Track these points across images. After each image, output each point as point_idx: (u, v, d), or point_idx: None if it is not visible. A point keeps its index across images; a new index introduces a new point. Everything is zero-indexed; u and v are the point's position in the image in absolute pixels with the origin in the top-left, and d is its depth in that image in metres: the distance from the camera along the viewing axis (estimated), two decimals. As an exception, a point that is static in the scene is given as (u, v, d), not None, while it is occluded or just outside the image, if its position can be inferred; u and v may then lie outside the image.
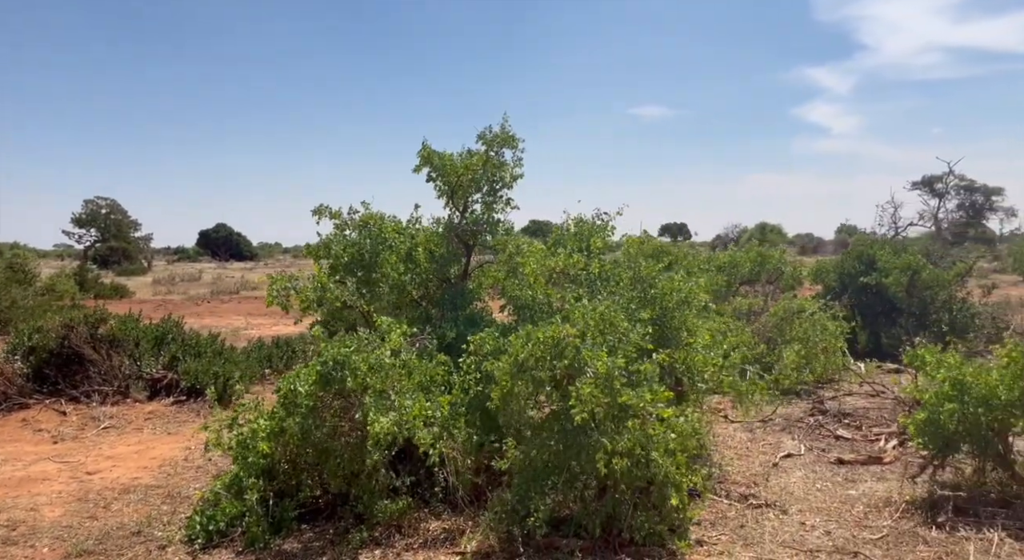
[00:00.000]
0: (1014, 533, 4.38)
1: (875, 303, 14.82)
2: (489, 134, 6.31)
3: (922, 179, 51.37)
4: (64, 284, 24.15)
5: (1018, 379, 4.68)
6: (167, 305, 22.73)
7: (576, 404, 4.03)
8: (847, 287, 15.42)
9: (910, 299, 14.51)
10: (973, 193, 50.94)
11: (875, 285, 14.58)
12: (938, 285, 14.33)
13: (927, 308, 14.42)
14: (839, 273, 16.09)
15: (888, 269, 14.46)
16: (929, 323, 14.05)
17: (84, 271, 29.33)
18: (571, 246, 5.64)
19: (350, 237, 6.52)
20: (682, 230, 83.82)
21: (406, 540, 4.50)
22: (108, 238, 48.72)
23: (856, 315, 14.61)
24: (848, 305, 14.84)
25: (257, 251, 62.11)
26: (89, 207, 48.99)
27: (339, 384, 4.64)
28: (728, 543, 4.42)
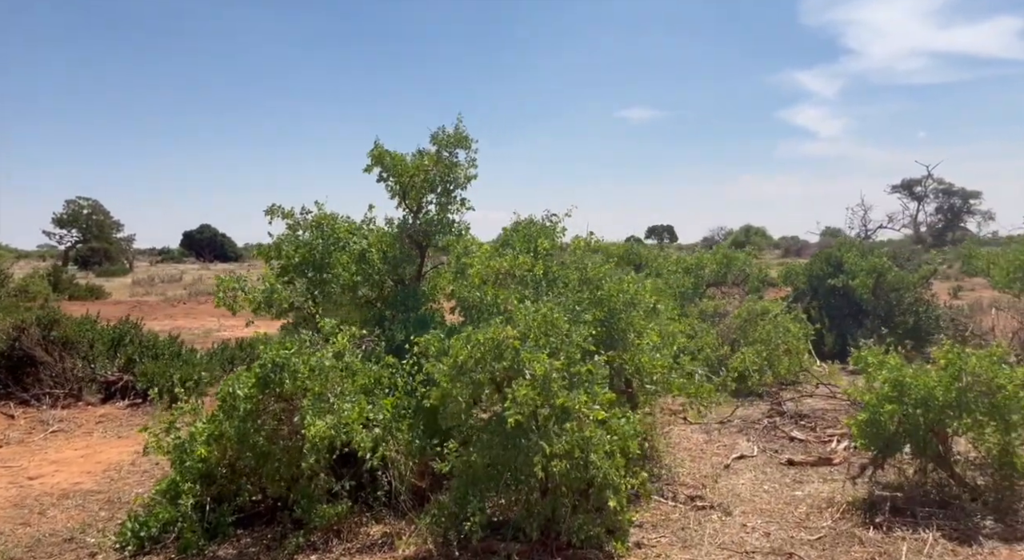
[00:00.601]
0: (948, 533, 4.43)
1: (842, 305, 14.98)
2: (442, 134, 6.27)
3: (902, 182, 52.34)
4: (37, 285, 23.63)
5: (955, 381, 4.74)
6: (142, 306, 22.34)
7: (511, 406, 4.00)
8: (816, 289, 15.58)
9: (876, 301, 14.68)
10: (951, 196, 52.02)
11: (842, 287, 14.73)
12: (904, 287, 14.52)
13: (893, 310, 14.61)
14: (808, 275, 16.25)
15: (855, 271, 14.63)
16: (895, 325, 14.23)
17: (58, 272, 28.74)
18: (519, 247, 5.61)
19: (302, 238, 6.44)
20: (668, 232, 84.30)
21: (344, 545, 4.44)
22: (89, 239, 48.04)
23: (823, 317, 14.81)
24: (816, 307, 15.04)
25: (242, 252, 61.47)
26: (70, 207, 48.35)
27: (278, 387, 4.57)
28: (667, 545, 4.41)
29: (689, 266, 12.98)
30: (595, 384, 4.55)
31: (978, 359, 4.74)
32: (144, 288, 30.76)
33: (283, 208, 6.58)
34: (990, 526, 4.51)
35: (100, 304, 22.19)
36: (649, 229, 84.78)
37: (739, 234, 60.84)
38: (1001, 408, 4.60)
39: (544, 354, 4.28)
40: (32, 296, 20.45)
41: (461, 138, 6.30)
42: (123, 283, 33.78)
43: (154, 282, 33.51)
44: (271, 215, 6.62)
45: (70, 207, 48.37)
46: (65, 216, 47.99)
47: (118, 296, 26.84)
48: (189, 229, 64.93)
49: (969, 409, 4.61)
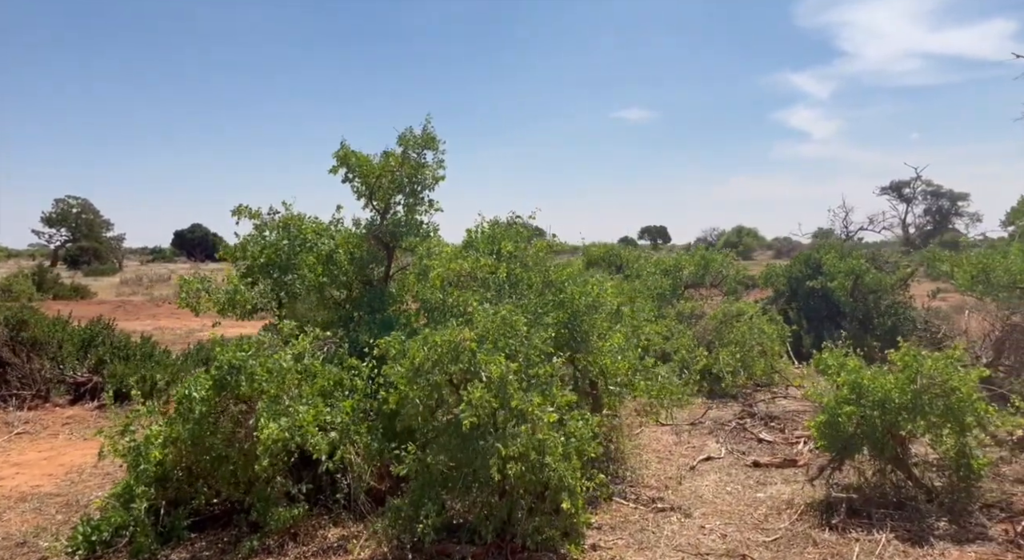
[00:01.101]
0: (902, 535, 4.46)
1: (821, 307, 15.08)
2: (410, 135, 6.25)
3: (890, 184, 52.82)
4: (21, 284, 23.36)
5: (911, 383, 4.78)
6: (126, 306, 22.11)
7: (466, 408, 3.98)
8: (795, 291, 15.68)
9: (854, 303, 14.78)
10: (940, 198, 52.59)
11: (821, 289, 14.83)
12: (882, 289, 14.63)
13: (870, 312, 14.72)
14: (788, 277, 16.34)
15: (833, 273, 14.72)
16: (872, 327, 14.34)
17: (43, 271, 28.42)
18: (483, 249, 5.60)
19: (269, 238, 6.39)
20: (661, 233, 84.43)
21: (300, 548, 4.40)
22: (79, 238, 47.68)
23: (802, 318, 14.91)
24: (795, 309, 15.14)
25: (233, 251, 61.14)
26: (60, 206, 48.05)
27: (234, 389, 4.52)
28: (623, 547, 4.42)
29: (667, 268, 13.01)
30: (553, 386, 4.55)
31: (933, 362, 4.78)
32: (131, 288, 30.45)
33: (250, 208, 6.53)
34: (943, 527, 4.55)
35: (84, 304, 21.96)
36: (642, 230, 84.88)
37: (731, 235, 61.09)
38: (955, 410, 4.64)
39: (501, 356, 4.27)
40: (15, 296, 20.23)
41: (429, 139, 6.28)
42: (111, 282, 33.46)
43: (142, 282, 33.18)
44: (238, 215, 6.57)
45: (59, 206, 48.10)
46: (54, 215, 47.70)
47: (104, 296, 26.56)
48: (180, 228, 64.55)
49: (923, 411, 4.66)
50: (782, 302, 15.43)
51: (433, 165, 6.38)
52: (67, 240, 48.12)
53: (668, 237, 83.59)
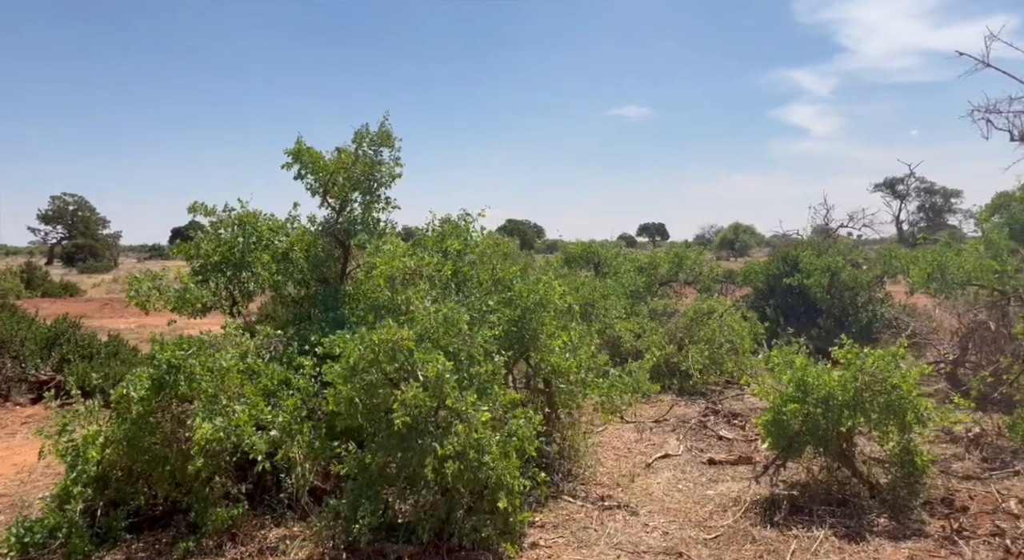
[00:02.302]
0: (840, 531, 4.48)
1: (798, 304, 15.14)
2: (365, 132, 6.20)
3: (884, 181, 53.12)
4: (8, 282, 23.17)
5: (853, 380, 4.80)
6: (113, 303, 21.94)
7: (399, 408, 3.96)
8: (773, 288, 15.73)
9: (830, 300, 14.84)
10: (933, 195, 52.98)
11: (798, 286, 14.88)
12: (858, 286, 14.69)
13: (846, 309, 14.78)
14: (766, 274, 16.39)
15: (810, 270, 14.78)
16: (848, 324, 14.41)
17: (31, 268, 28.20)
18: (431, 247, 5.57)
19: (224, 236, 6.33)
20: (660, 230, 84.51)
21: (239, 549, 4.37)
22: (75, 235, 47.42)
23: (779, 316, 14.97)
24: (773, 306, 15.20)
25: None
26: (56, 204, 47.82)
27: (173, 389, 4.48)
28: (563, 546, 4.41)
29: (643, 265, 13.03)
30: (495, 384, 4.54)
31: (875, 359, 4.80)
32: (123, 285, 30.23)
33: (206, 205, 6.47)
34: (883, 524, 4.58)
35: (71, 302, 21.81)
36: (641, 227, 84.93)
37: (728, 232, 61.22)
38: (895, 407, 4.67)
39: (440, 355, 4.25)
40: (3, 293, 20.06)
41: (385, 136, 6.24)
42: (105, 280, 33.18)
43: (136, 279, 32.83)
44: (193, 212, 6.52)
45: (55, 203, 47.89)
46: (50, 212, 47.52)
47: (94, 293, 26.36)
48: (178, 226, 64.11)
49: (864, 409, 4.68)
50: (761, 299, 15.49)
51: (390, 163, 6.34)
52: (63, 237, 47.93)
53: (667, 234, 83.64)
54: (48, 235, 48.18)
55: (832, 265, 14.44)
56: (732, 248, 58.51)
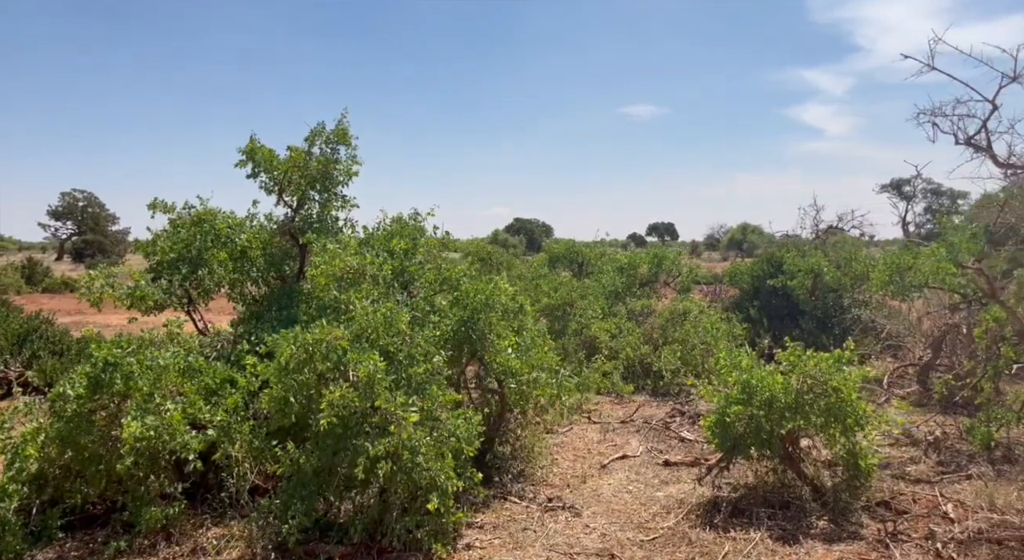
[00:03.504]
0: (776, 534, 4.47)
1: (782, 305, 15.10)
2: (321, 130, 6.19)
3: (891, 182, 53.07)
4: (8, 278, 23.23)
5: (796, 383, 4.77)
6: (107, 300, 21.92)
7: (326, 408, 3.95)
8: (758, 290, 15.69)
9: (814, 302, 14.79)
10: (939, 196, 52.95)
11: (782, 288, 14.83)
12: (842, 288, 14.62)
13: (829, 311, 14.73)
14: (752, 276, 16.35)
15: (793, 272, 14.73)
16: (831, 326, 14.36)
17: (32, 264, 28.25)
18: (378, 246, 5.56)
19: (182, 233, 6.33)
20: (669, 230, 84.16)
21: (172, 548, 4.35)
22: (84, 231, 47.67)
23: (762, 317, 14.93)
24: (757, 307, 15.16)
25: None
26: (66, 200, 48.22)
27: (108, 387, 4.47)
28: (498, 547, 4.40)
29: (622, 265, 13.00)
30: (433, 385, 4.52)
31: (816, 362, 4.78)
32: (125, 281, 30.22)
33: (165, 202, 6.47)
34: (822, 526, 4.56)
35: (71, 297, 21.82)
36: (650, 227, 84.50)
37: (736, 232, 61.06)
38: (835, 410, 4.65)
39: (375, 355, 4.24)
40: (3, 288, 20.14)
41: (341, 134, 6.22)
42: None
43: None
44: (153, 209, 6.51)
45: (65, 199, 48.32)
46: (60, 208, 47.93)
47: (97, 289, 26.36)
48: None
49: (804, 411, 4.65)
50: (746, 300, 15.45)
51: (347, 161, 6.32)
52: (73, 233, 48.28)
53: (676, 234, 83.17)
54: (58, 231, 48.58)
55: (815, 267, 14.38)
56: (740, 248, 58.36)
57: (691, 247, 62.37)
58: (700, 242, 62.67)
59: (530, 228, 67.63)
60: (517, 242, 54.74)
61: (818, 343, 13.80)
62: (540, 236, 64.81)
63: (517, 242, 54.74)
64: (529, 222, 70.20)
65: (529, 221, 70.62)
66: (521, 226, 68.14)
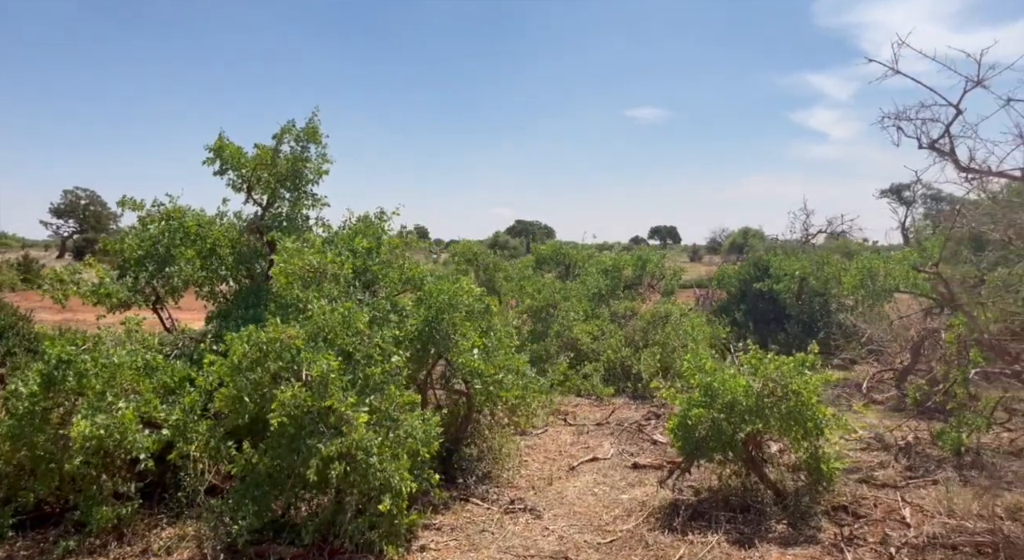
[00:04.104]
0: (734, 537, 4.44)
1: (768, 309, 15.08)
2: (291, 128, 6.16)
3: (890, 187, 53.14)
4: (3, 275, 23.13)
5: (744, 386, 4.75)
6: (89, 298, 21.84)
7: (277, 408, 3.91)
8: (745, 293, 15.67)
9: (800, 306, 14.76)
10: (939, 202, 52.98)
11: (768, 291, 14.80)
12: (827, 292, 14.61)
13: (815, 315, 14.71)
14: (739, 279, 16.32)
15: (779, 276, 14.71)
16: (816, 330, 14.34)
17: (28, 261, 28.10)
18: (342, 245, 5.52)
19: (151, 231, 6.28)
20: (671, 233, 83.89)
21: (123, 548, 4.31)
22: (86, 229, 47.71)
23: (748, 320, 14.91)
24: (743, 311, 15.14)
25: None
26: (68, 198, 48.34)
27: (61, 385, 4.42)
28: (452, 549, 4.36)
29: (607, 267, 12.97)
30: (391, 385, 4.49)
31: (777, 365, 4.76)
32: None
33: (134, 200, 6.44)
34: (780, 530, 4.53)
35: None
36: (652, 230, 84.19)
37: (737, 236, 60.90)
38: (795, 414, 4.62)
39: (330, 354, 4.21)
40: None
41: (311, 132, 6.19)
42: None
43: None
44: (122, 206, 6.48)
45: (67, 197, 48.46)
46: (62, 206, 48.04)
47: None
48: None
49: (763, 415, 4.63)
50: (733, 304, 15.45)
51: (317, 159, 6.29)
52: (75, 231, 48.44)
53: (678, 237, 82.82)
54: (60, 229, 48.75)
55: (801, 271, 14.37)
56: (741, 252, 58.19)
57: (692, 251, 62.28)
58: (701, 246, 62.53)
59: (531, 230, 67.51)
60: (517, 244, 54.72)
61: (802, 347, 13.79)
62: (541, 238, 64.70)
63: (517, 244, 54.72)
64: (530, 224, 70.12)
65: (530, 223, 70.52)
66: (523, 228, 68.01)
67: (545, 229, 71.84)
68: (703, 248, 63.13)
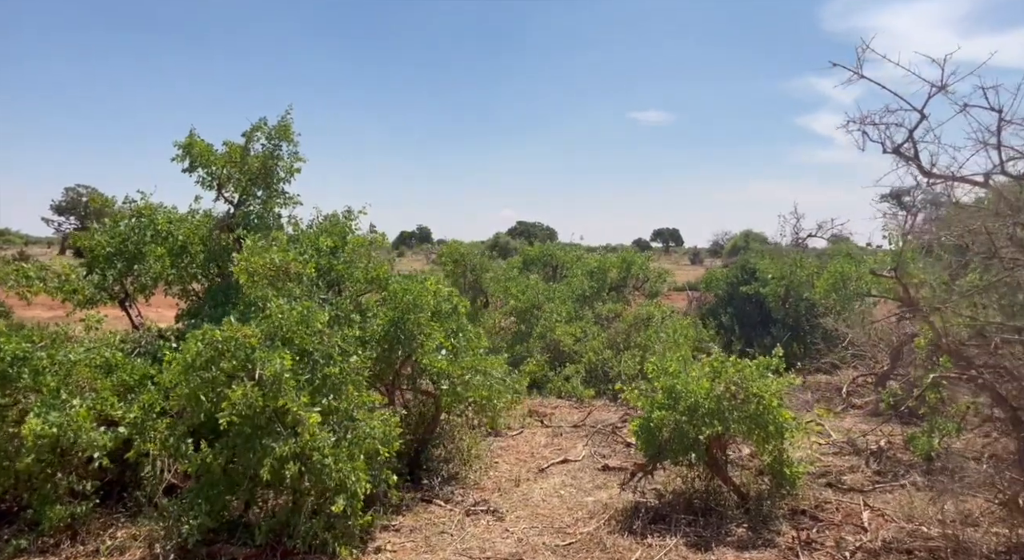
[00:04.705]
0: (692, 540, 4.42)
1: (755, 313, 15.05)
2: (262, 126, 6.13)
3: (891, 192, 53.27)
4: None
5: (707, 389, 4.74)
6: None
7: (227, 407, 3.88)
8: (732, 296, 15.64)
9: (785, 310, 14.73)
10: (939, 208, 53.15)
11: (754, 295, 14.76)
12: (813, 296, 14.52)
13: (801, 319, 14.67)
14: (727, 282, 16.30)
15: (766, 279, 14.68)
16: (803, 334, 14.31)
17: (23, 257, 27.93)
18: (307, 244, 5.49)
19: (120, 228, 6.26)
20: (674, 236, 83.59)
21: (76, 548, 4.27)
22: (88, 226, 47.93)
23: (735, 323, 14.88)
24: (730, 314, 15.12)
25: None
26: (69, 195, 48.48)
27: (15, 382, 4.39)
28: (409, 551, 4.34)
29: (592, 269, 12.96)
30: (349, 384, 4.46)
31: (739, 368, 4.75)
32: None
33: (104, 196, 6.42)
34: (740, 533, 4.52)
35: None
36: (655, 232, 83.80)
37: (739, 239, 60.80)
38: (755, 417, 4.61)
39: (285, 353, 4.18)
40: None
41: (283, 130, 6.17)
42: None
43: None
44: (93, 204, 6.45)
45: (69, 194, 48.62)
46: (63, 203, 48.17)
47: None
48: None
49: (723, 417, 4.62)
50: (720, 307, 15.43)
51: (289, 158, 6.27)
52: (76, 228, 48.83)
53: (681, 240, 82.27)
54: (61, 226, 48.92)
55: (776, 274, 14.27)
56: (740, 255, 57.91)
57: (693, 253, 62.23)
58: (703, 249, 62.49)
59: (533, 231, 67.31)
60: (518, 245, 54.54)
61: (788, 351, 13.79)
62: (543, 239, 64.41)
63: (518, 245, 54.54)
64: (532, 225, 69.87)
65: (532, 224, 70.25)
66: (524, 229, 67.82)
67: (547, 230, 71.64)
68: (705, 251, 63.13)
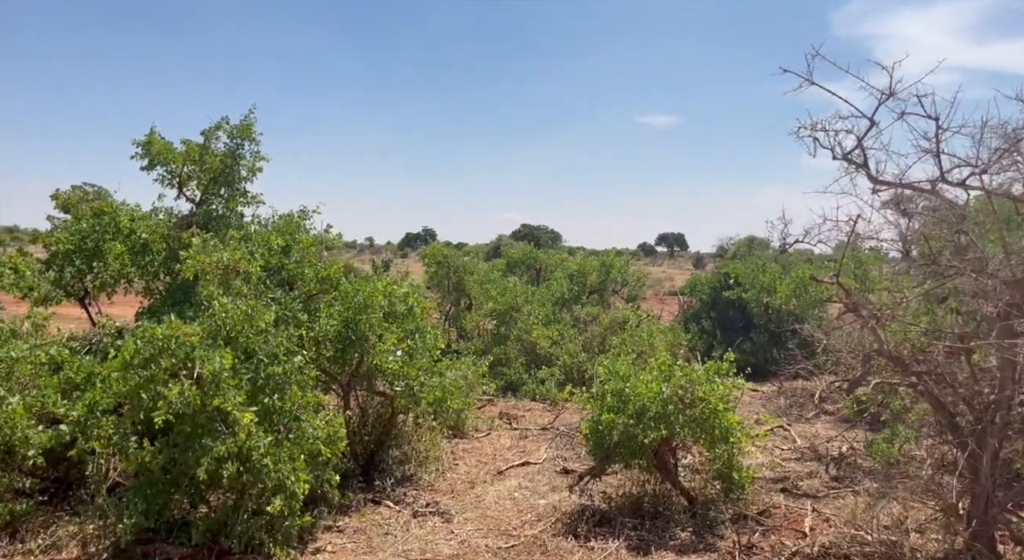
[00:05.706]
0: (634, 544, 4.42)
1: (736, 318, 15.06)
2: (223, 125, 6.13)
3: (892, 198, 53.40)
4: None
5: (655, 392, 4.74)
6: None
7: (162, 405, 3.87)
8: (715, 301, 15.65)
9: (767, 315, 14.72)
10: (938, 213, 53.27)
11: (737, 300, 14.75)
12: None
13: (782, 325, 14.66)
14: (710, 287, 16.29)
15: (747, 285, 14.65)
16: (785, 339, 14.28)
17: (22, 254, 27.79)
18: (259, 243, 5.48)
19: (82, 225, 6.24)
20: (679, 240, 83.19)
21: (14, 545, 4.25)
22: None
23: (716, 329, 14.89)
24: (712, 319, 15.13)
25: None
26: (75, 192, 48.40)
27: (-43, 378, 4.37)
28: (348, 552, 4.32)
29: (572, 272, 12.97)
30: (293, 384, 4.45)
31: (686, 372, 4.75)
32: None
33: (65, 194, 6.40)
34: (683, 537, 4.51)
35: None
36: (660, 237, 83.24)
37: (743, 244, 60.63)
38: (700, 421, 4.61)
39: (226, 352, 4.16)
40: None
41: (245, 129, 6.17)
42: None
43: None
44: (55, 200, 6.43)
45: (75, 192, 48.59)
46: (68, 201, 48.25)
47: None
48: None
49: (668, 421, 4.61)
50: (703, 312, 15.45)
51: (251, 157, 6.26)
52: None
53: (686, 244, 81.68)
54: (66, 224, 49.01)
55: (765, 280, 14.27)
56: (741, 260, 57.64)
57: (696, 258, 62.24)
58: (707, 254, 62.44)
59: (537, 234, 66.93)
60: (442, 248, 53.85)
61: (768, 357, 13.79)
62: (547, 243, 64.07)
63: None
64: (536, 228, 69.57)
65: (536, 227, 69.89)
66: (528, 232, 67.46)
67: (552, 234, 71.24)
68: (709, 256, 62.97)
